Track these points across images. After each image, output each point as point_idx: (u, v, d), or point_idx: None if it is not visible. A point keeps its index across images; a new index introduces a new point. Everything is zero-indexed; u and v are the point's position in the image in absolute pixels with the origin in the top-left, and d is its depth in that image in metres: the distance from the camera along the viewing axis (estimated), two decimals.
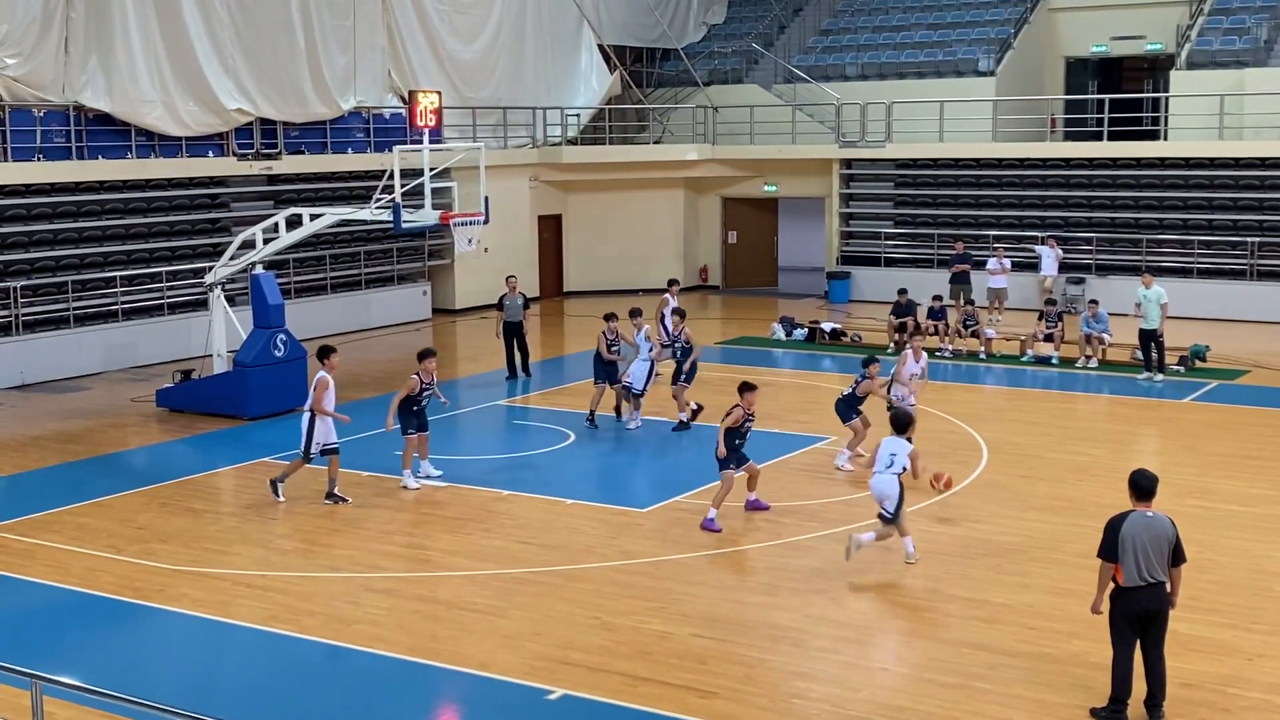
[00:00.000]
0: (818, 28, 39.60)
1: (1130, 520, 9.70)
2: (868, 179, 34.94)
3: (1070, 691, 10.44)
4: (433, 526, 15.00)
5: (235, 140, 27.70)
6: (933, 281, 29.30)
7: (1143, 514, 9.75)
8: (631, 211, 35.62)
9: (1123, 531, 9.65)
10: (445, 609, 12.44)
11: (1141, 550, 9.61)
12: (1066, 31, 37.37)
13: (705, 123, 36.12)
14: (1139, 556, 9.61)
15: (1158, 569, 9.66)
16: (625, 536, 14.53)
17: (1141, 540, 9.62)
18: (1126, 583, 9.64)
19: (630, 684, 10.68)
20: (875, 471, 13.54)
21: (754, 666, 11.07)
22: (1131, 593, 9.66)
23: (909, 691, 10.52)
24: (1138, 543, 9.62)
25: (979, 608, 12.29)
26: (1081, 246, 31.52)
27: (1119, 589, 9.73)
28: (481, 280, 31.97)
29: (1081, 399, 22.39)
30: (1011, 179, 32.95)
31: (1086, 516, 15.06)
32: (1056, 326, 24.87)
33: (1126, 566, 9.62)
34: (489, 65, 33.91)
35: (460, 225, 20.26)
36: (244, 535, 14.81)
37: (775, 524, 14.94)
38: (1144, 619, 9.74)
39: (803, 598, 12.63)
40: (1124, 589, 9.69)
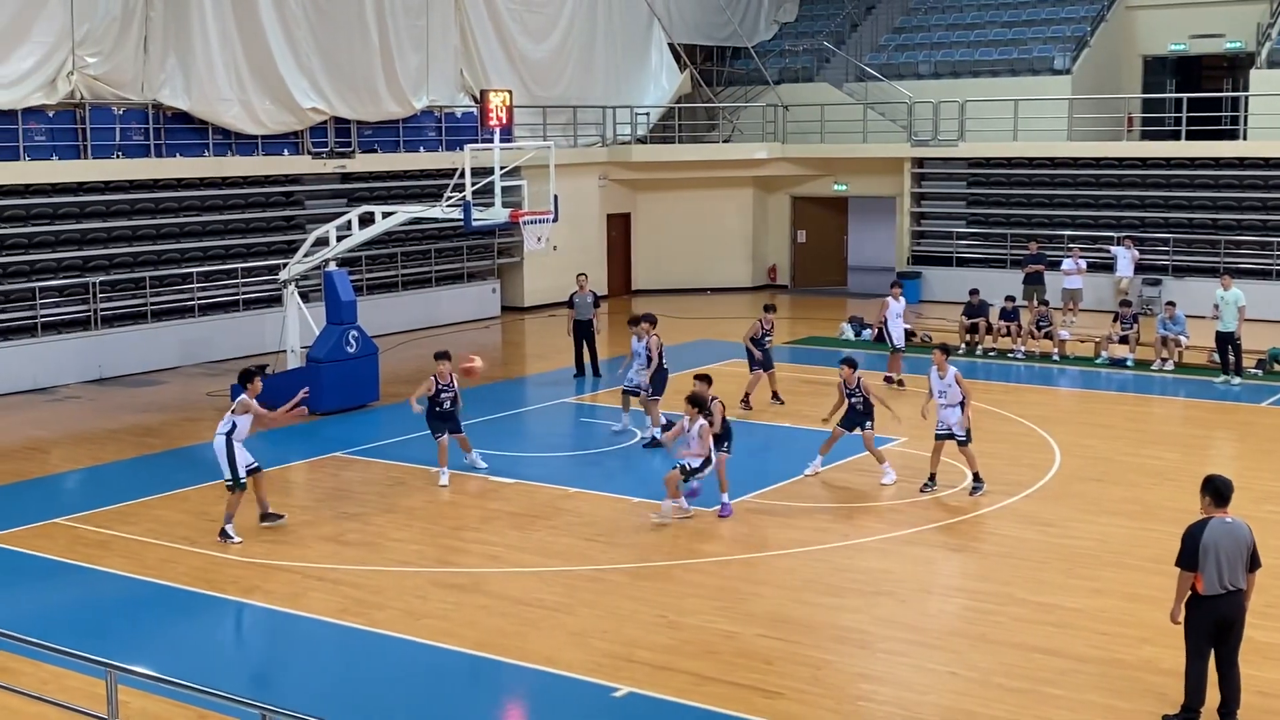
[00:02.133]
0: (891, 25, 39.32)
1: (1210, 527, 9.52)
2: (940, 178, 34.64)
3: (1142, 698, 10.29)
4: (500, 523, 15.08)
5: (310, 139, 28.02)
6: (1005, 282, 28.98)
7: (1222, 520, 9.58)
8: (700, 210, 35.58)
9: (1203, 539, 9.47)
10: (512, 605, 12.50)
11: (1225, 558, 9.44)
12: (1144, 30, 36.81)
13: (775, 121, 35.99)
14: (1220, 564, 9.44)
15: (1239, 576, 9.51)
16: (692, 536, 14.52)
17: (1223, 547, 9.45)
18: (1207, 591, 9.46)
19: (696, 683, 10.68)
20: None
21: (820, 668, 11.02)
22: (1211, 601, 9.48)
23: (977, 696, 10.42)
24: (1219, 550, 9.44)
25: (1050, 612, 12.15)
26: (1158, 247, 31.04)
27: (1198, 597, 9.54)
28: (550, 278, 32.09)
29: (1157, 402, 22.06)
30: (1087, 178, 32.52)
31: (1161, 521, 14.85)
32: (1132, 328, 24.51)
33: (1207, 575, 9.45)
34: (560, 64, 34.02)
35: (530, 223, 20.35)
36: (315, 529, 14.97)
37: (843, 525, 14.87)
38: (1222, 627, 9.58)
39: (870, 599, 12.55)
40: (1204, 597, 9.50)
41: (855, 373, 16.74)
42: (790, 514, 15.26)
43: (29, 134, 23.48)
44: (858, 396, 16.69)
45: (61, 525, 15.07)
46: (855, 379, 16.67)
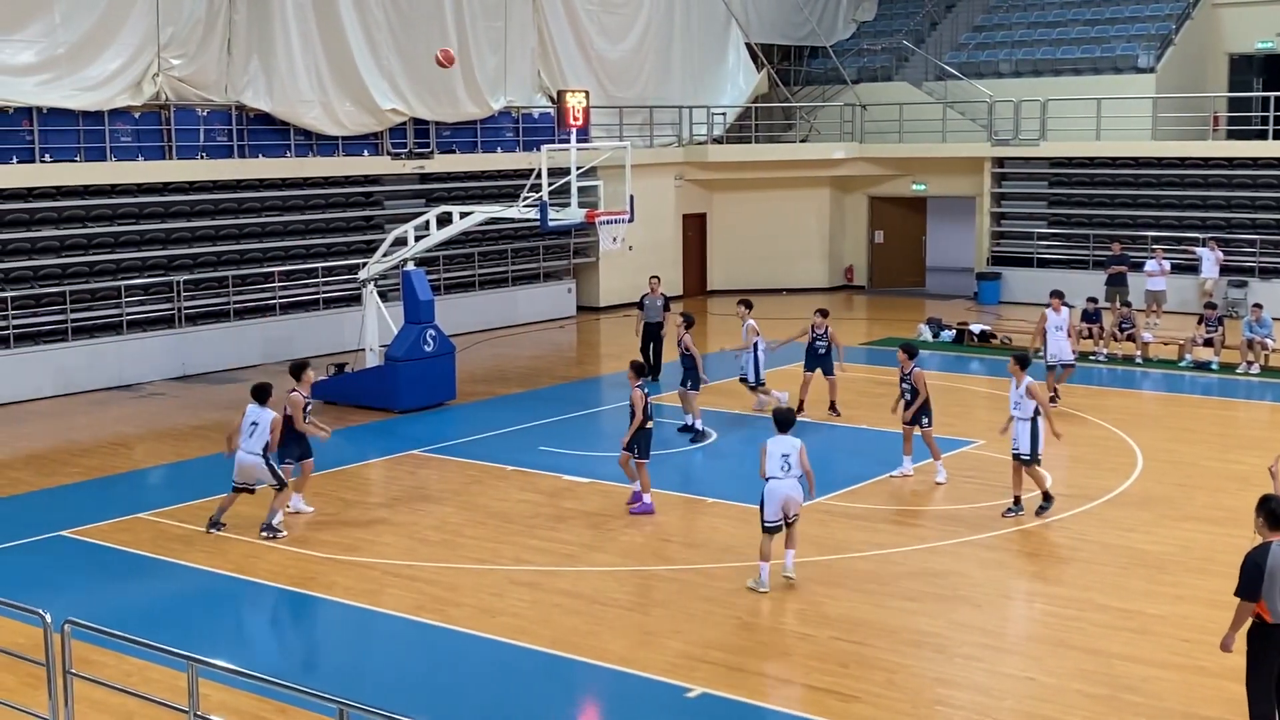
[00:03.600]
0: (970, 24, 38.92)
1: (1273, 553, 8.90)
2: (1020, 178, 34.23)
3: (1224, 707, 10.10)
4: (575, 522, 15.13)
5: (389, 140, 28.31)
6: (1087, 283, 28.58)
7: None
8: (777, 210, 35.44)
9: (1267, 566, 8.85)
10: (587, 604, 12.54)
11: None
12: (1230, 27, 36.10)
13: (853, 121, 35.76)
14: None
15: None
16: (760, 533, 14.44)
17: None
18: (1275, 620, 8.85)
19: (770, 685, 10.65)
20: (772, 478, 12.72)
21: (896, 671, 10.93)
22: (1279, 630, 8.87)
23: (1055, 701, 10.29)
24: None
25: (1130, 618, 11.96)
26: (1244, 249, 30.43)
27: (1263, 626, 8.93)
28: (625, 278, 32.13)
29: (1242, 406, 21.63)
30: (1171, 178, 31.97)
31: (1245, 527, 14.50)
32: (1217, 331, 24.06)
33: (1273, 603, 8.84)
34: (636, 64, 34.07)
35: (605, 224, 20.40)
36: (392, 526, 15.12)
37: (920, 528, 14.74)
38: None
39: (947, 603, 12.43)
40: (1270, 626, 8.88)
41: (912, 362, 16.62)
42: (865, 516, 15.16)
43: (115, 135, 23.95)
44: (907, 383, 16.54)
45: (145, 520, 15.35)
46: (910, 366, 16.55)
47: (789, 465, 12.69)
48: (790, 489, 12.73)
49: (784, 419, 13.11)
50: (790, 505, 12.78)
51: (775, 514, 12.75)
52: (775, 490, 12.74)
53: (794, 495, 12.76)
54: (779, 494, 12.72)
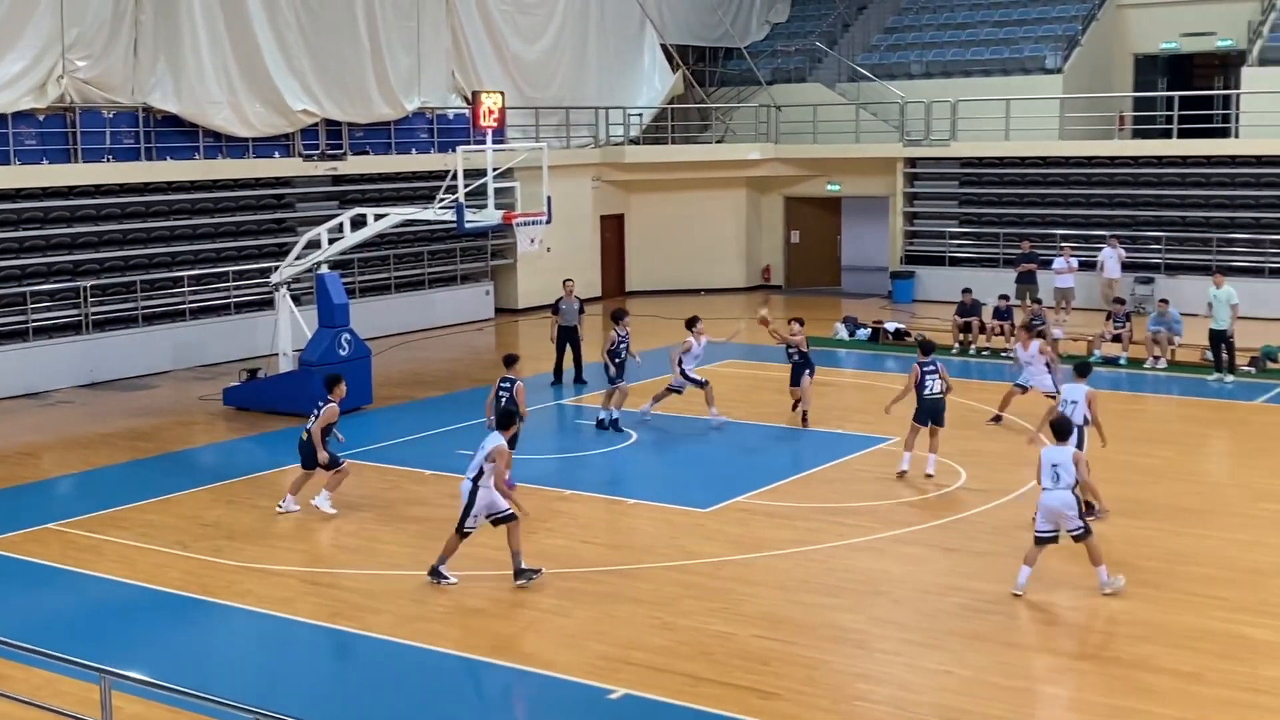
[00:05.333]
0: (882, 26, 39.33)
1: None
2: (932, 178, 34.65)
3: (1138, 697, 10.28)
4: (494, 528, 15.01)
5: (301, 141, 27.99)
6: (998, 281, 28.98)
7: None
8: (694, 211, 35.55)
9: None
10: (508, 608, 12.47)
11: None
12: (1135, 28, 36.84)
13: (768, 122, 35.99)
14: None
15: None
16: (687, 537, 14.49)
17: None
18: None
19: (691, 684, 10.66)
20: (1043, 488, 12.52)
21: (816, 668, 11.00)
22: None
23: (973, 695, 10.40)
24: None
25: (1045, 611, 12.14)
26: (1150, 246, 31.06)
27: None
28: (544, 280, 32.05)
29: (1150, 400, 22.07)
30: (1079, 177, 32.54)
31: (1155, 519, 14.86)
32: (1124, 327, 24.52)
33: None
34: (552, 65, 34.01)
35: (523, 225, 20.33)
36: (308, 533, 14.94)
37: (839, 525, 14.85)
38: None
39: (866, 599, 12.54)
40: None
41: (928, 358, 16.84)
42: (784, 514, 15.24)
43: (19, 138, 23.44)
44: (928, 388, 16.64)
45: (54, 530, 15.02)
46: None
47: (1058, 476, 12.38)
48: (1058, 501, 12.38)
49: (1061, 427, 12.80)
50: (1061, 520, 12.43)
51: (1043, 525, 12.51)
52: (1044, 501, 12.48)
53: (1062, 509, 12.39)
54: (1047, 505, 12.45)
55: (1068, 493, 12.32)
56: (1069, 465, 12.35)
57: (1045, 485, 12.48)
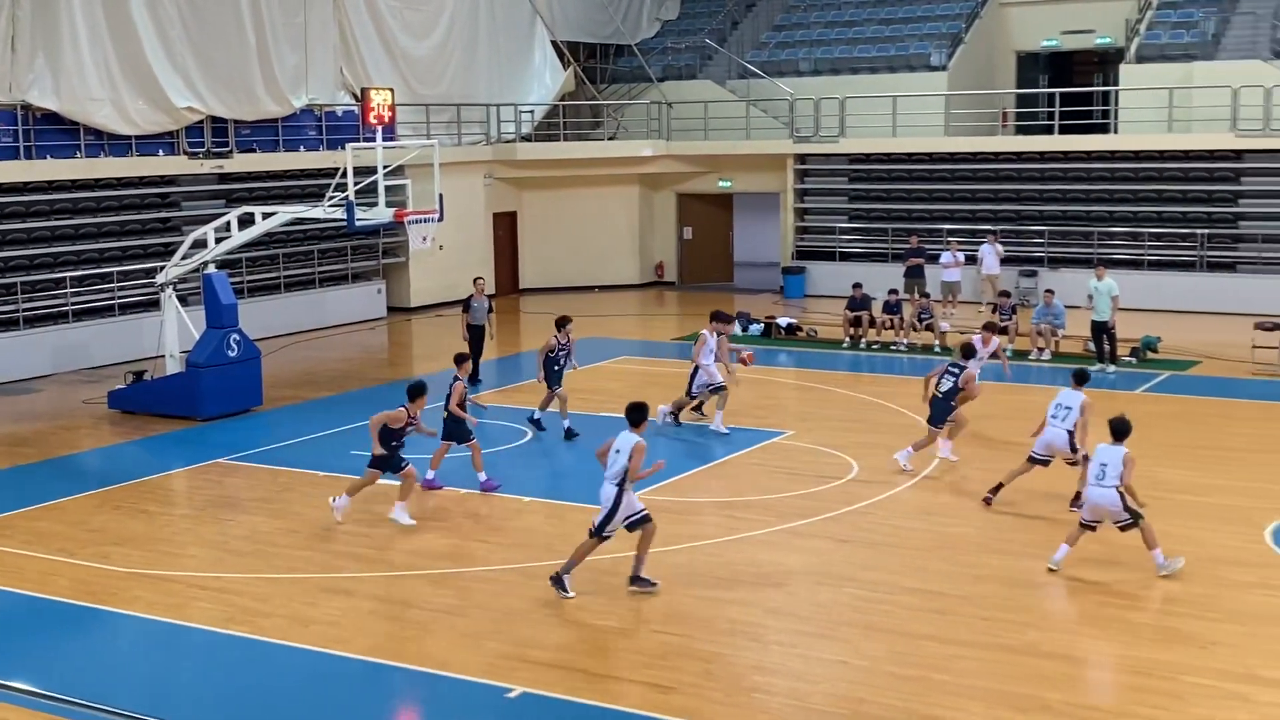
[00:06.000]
0: (771, 23, 39.69)
1: None
2: (822, 174, 35.06)
3: (1026, 682, 10.52)
4: (389, 527, 14.91)
5: (186, 139, 27.46)
6: (888, 275, 29.43)
7: None
8: (587, 208, 35.58)
9: None
10: (403, 609, 12.38)
11: None
12: (1017, 26, 37.63)
13: (660, 119, 36.13)
14: None
15: None
16: (584, 534, 14.48)
17: None
18: None
19: (589, 681, 10.68)
20: (1090, 483, 12.94)
21: (713, 661, 11.08)
22: None
23: (868, 684, 10.56)
24: None
25: (935, 599, 12.36)
26: (1033, 240, 31.75)
27: None
28: (436, 278, 31.89)
29: (1035, 391, 22.54)
30: (964, 172, 33.15)
31: (1040, 508, 15.19)
32: (1010, 319, 25.04)
33: None
34: (442, 62, 33.77)
35: (414, 223, 20.18)
36: (198, 537, 14.68)
37: (733, 520, 14.96)
38: None
39: (762, 592, 12.66)
40: None
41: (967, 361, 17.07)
42: (680, 509, 15.32)
43: None
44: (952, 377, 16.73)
45: None
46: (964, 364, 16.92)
47: (1104, 473, 12.76)
48: (1103, 498, 12.78)
49: (1119, 428, 13.08)
50: (1102, 514, 12.85)
51: (1088, 517, 13.00)
52: (1089, 496, 12.92)
53: (1106, 505, 12.79)
54: (1092, 500, 12.89)
55: (1112, 490, 12.70)
56: (1117, 464, 12.73)
57: (1091, 481, 12.90)
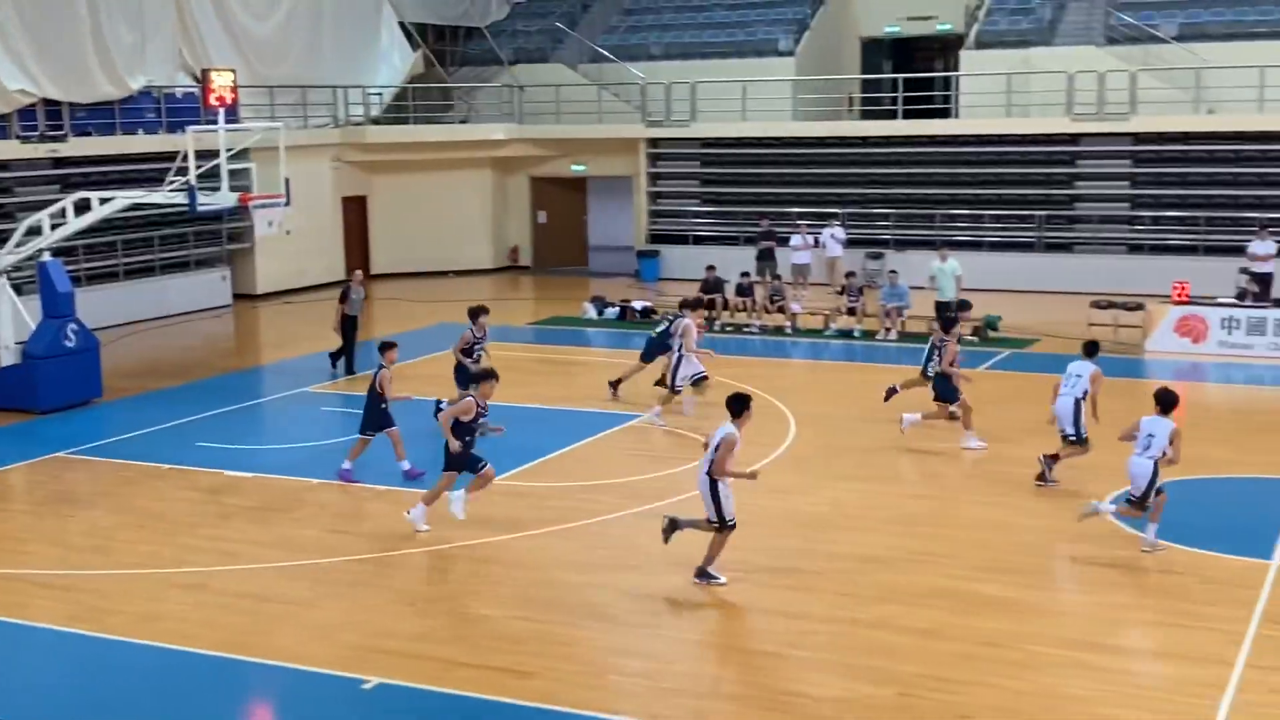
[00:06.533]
0: (621, 7, 39.70)
1: None
2: (674, 158, 35.22)
3: (879, 655, 10.73)
4: (239, 519, 14.60)
5: (18, 122, 26.40)
6: (740, 258, 29.71)
7: None
8: (439, 192, 35.20)
9: None
10: (255, 602, 12.13)
11: None
12: (861, 12, 38.25)
13: (511, 102, 35.91)
14: None
15: None
16: (440, 521, 14.36)
17: None
18: None
19: (447, 668, 10.59)
20: (1134, 452, 13.10)
21: (572, 645, 11.09)
22: None
23: (725, 662, 10.68)
24: None
25: (789, 576, 12.54)
26: (879, 222, 32.35)
27: None
28: (284, 263, 31.25)
29: (884, 370, 22.99)
30: (813, 156, 33.60)
31: (890, 483, 15.52)
32: (858, 300, 25.50)
33: None
34: (285, 42, 33.05)
35: (260, 208, 19.79)
36: (40, 533, 14.18)
37: (592, 503, 14.98)
38: None
39: (619, 574, 12.70)
40: None
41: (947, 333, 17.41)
42: (538, 494, 15.29)
43: None
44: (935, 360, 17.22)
45: None
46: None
47: (1150, 444, 12.92)
48: (1138, 467, 12.99)
49: (1167, 400, 13.12)
50: (1134, 481, 13.06)
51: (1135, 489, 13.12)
52: (1130, 465, 13.11)
53: (1138, 475, 12.98)
54: (1131, 469, 13.09)
55: (1150, 462, 12.92)
56: (1163, 438, 12.90)
57: (1136, 450, 13.08)
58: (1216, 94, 29.29)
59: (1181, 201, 29.98)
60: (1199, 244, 29.25)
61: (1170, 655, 10.63)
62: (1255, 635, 10.90)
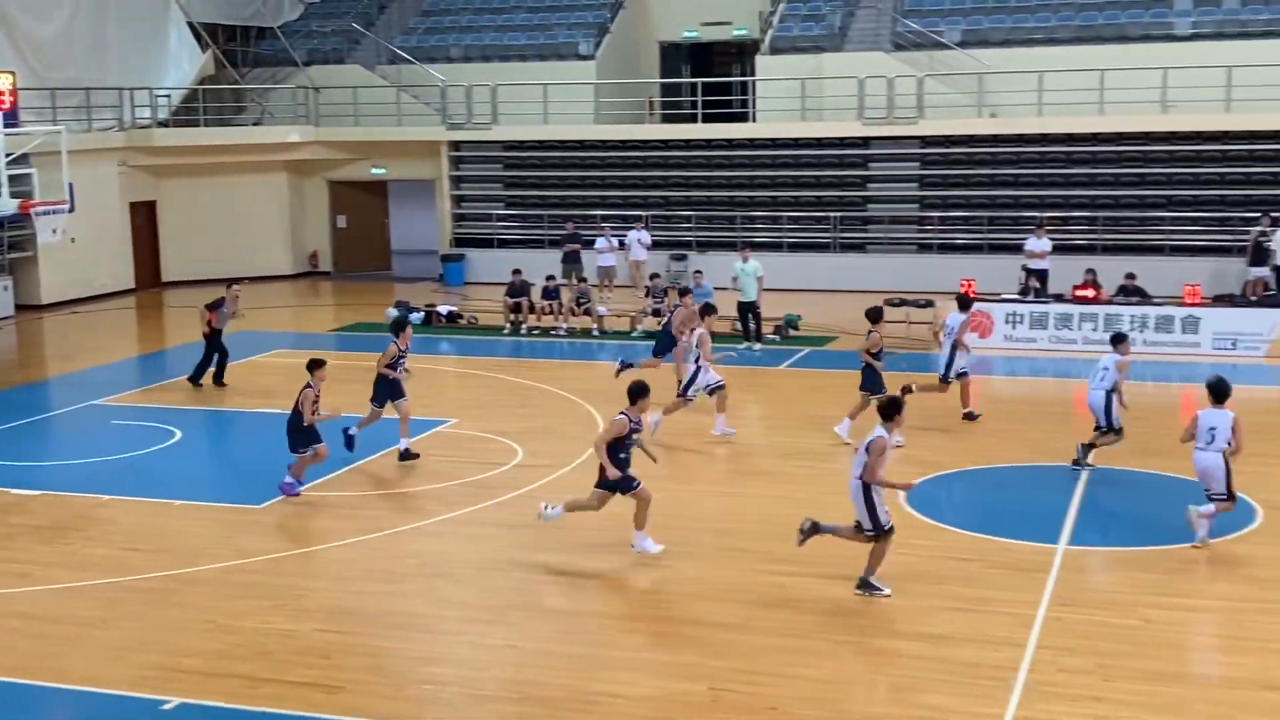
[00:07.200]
0: (419, 8, 39.29)
1: None
2: (477, 161, 35.03)
3: (691, 650, 10.86)
4: (26, 539, 13.95)
5: None
6: (546, 261, 29.70)
7: None
8: (233, 196, 34.26)
9: None
10: (46, 624, 11.60)
11: None
12: (660, 17, 38.66)
13: (307, 104, 35.18)
14: None
15: None
16: (241, 535, 13.99)
17: None
18: None
19: (250, 686, 10.31)
20: (1196, 448, 13.02)
21: (381, 656, 10.92)
22: None
23: (537, 665, 10.66)
24: None
25: (601, 576, 12.59)
26: (682, 224, 32.76)
27: None
28: (70, 272, 30.01)
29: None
30: (615, 160, 33.84)
31: (699, 482, 15.72)
32: (663, 301, 25.75)
33: None
34: (68, 44, 31.75)
35: (43, 214, 18.98)
36: None
37: (398, 511, 14.77)
38: None
39: (428, 582, 12.56)
40: None
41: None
42: (344, 504, 15.02)
43: None
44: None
45: None
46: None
47: (1213, 437, 12.82)
48: (1209, 461, 12.88)
49: (1218, 389, 13.01)
50: (1206, 477, 12.94)
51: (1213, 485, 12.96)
52: (1196, 460, 12.98)
53: (1211, 469, 12.87)
54: (1198, 464, 12.97)
55: (1218, 455, 12.92)
56: (1226, 429, 12.90)
57: (1199, 446, 13.02)
58: (998, 98, 30.54)
59: (967, 202, 31.17)
60: (984, 243, 30.44)
61: (965, 640, 11.02)
62: (1045, 618, 11.38)
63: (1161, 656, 10.61)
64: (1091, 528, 13.90)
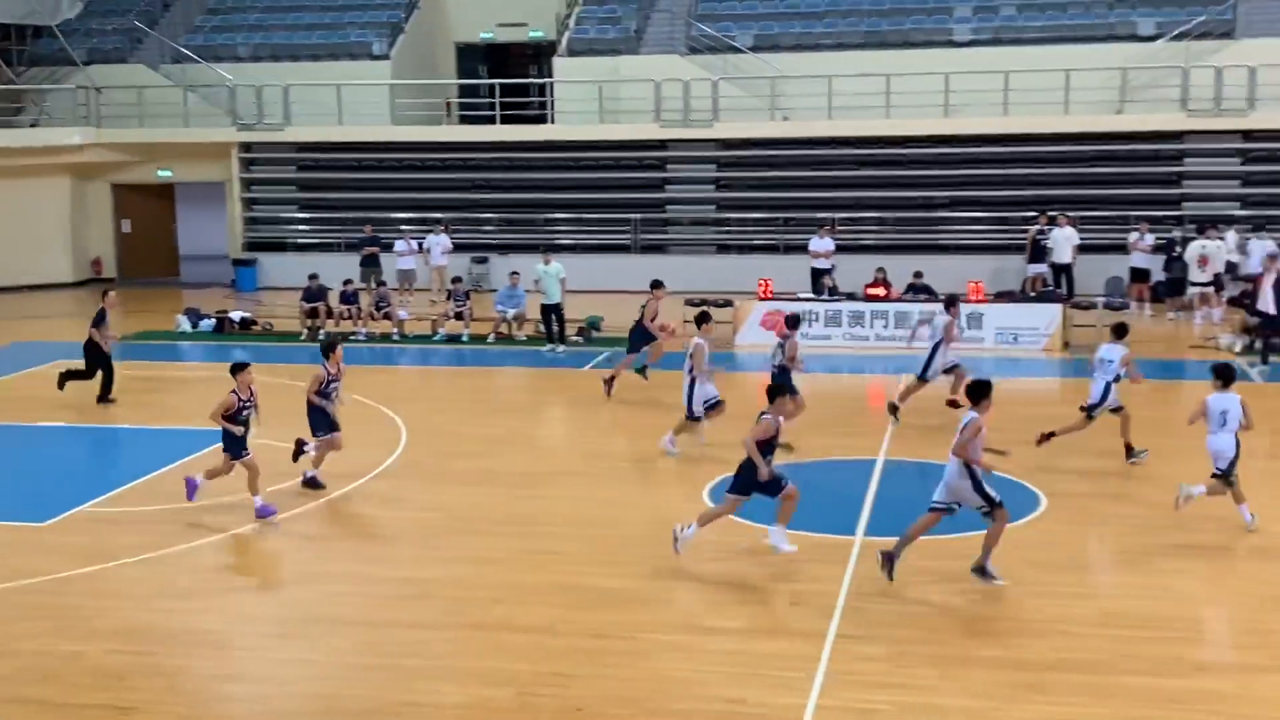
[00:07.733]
0: (204, 6, 38.17)
1: None
2: (269, 163, 34.22)
3: (496, 656, 10.79)
4: None
5: None
6: (343, 265, 29.19)
7: None
8: (9, 201, 32.75)
9: None
10: None
11: None
12: (455, 17, 38.41)
13: (88, 105, 33.82)
14: None
15: None
16: (22, 554, 13.34)
17: None
18: None
19: (39, 710, 9.84)
20: (1210, 431, 13.19)
21: (176, 675, 10.55)
22: None
23: (338, 679, 10.44)
24: None
25: (405, 586, 12.41)
26: (484, 226, 32.60)
27: None
28: None
29: (493, 373, 23.20)
30: (413, 161, 33.48)
31: (503, 485, 15.65)
32: (465, 305, 25.58)
33: None
34: None
35: None
36: None
37: (191, 526, 14.29)
38: None
39: (224, 598, 12.19)
40: None
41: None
42: (134, 519, 14.46)
43: None
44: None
45: None
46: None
47: (1225, 420, 13.03)
48: (1222, 443, 13.07)
49: (1225, 374, 13.24)
50: (1219, 458, 13.11)
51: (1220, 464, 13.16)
52: (1210, 443, 13.16)
53: (1223, 450, 13.06)
54: (1213, 447, 13.13)
55: (1231, 436, 13.07)
56: (1237, 411, 13.08)
57: (1212, 430, 13.20)
58: (790, 101, 31.26)
59: (763, 203, 31.82)
60: (779, 243, 31.12)
61: (767, 632, 11.22)
62: (844, 607, 11.68)
63: (952, 642, 10.99)
64: (887, 518, 14.31)
